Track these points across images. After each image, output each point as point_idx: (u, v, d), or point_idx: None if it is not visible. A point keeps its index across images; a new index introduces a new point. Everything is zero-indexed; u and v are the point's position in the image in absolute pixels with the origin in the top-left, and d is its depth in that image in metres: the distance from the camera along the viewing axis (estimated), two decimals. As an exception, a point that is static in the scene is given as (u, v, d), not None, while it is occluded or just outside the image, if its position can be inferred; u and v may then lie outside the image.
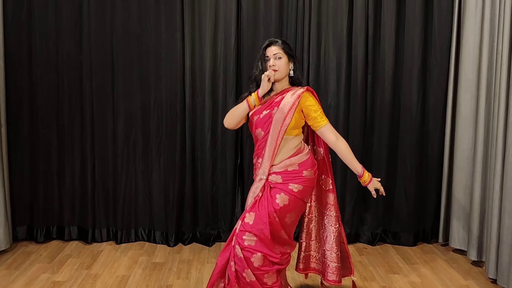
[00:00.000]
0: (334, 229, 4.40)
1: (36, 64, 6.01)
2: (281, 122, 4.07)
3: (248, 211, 4.09)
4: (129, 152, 6.18)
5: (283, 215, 4.08)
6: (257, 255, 3.94)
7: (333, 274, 4.41)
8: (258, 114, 4.18)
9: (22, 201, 6.18)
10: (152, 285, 5.06)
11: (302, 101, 4.12)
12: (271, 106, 4.15)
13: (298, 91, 4.15)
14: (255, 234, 3.97)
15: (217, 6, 5.98)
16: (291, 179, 4.10)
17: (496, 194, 5.04)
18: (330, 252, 4.42)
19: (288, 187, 4.08)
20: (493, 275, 5.10)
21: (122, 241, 6.23)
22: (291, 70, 4.25)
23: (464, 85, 5.77)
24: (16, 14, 5.90)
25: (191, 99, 6.08)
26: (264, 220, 3.98)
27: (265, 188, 4.13)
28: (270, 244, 4.00)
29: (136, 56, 6.03)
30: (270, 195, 4.09)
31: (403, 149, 6.23)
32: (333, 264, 4.40)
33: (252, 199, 4.14)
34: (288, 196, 4.07)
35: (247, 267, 3.95)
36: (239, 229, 4.04)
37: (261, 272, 3.97)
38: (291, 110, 4.08)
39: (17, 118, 6.04)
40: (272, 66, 4.13)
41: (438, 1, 6.05)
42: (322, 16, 6.04)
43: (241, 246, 3.98)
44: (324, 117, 4.16)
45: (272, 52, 4.17)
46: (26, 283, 5.06)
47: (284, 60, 4.17)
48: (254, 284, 3.96)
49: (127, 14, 5.96)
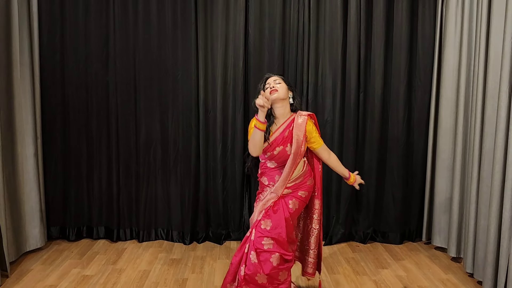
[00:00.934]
0: (315, 230, 4.47)
1: (68, 84, 6.02)
2: (297, 156, 4.15)
3: (263, 219, 4.11)
4: (150, 161, 6.18)
5: (294, 217, 4.25)
6: (275, 255, 4.00)
7: (310, 268, 4.55)
8: (272, 150, 4.18)
9: (56, 204, 6.18)
10: (170, 279, 5.10)
11: (308, 129, 4.19)
12: (284, 142, 4.16)
13: (302, 124, 4.17)
14: (273, 238, 4.02)
15: (227, 33, 6.00)
16: (299, 188, 4.24)
17: (473, 198, 5.07)
18: (309, 249, 4.52)
19: (298, 194, 4.23)
20: (470, 270, 5.14)
21: (143, 239, 6.25)
22: (290, 98, 4.25)
23: (445, 103, 5.79)
24: (50, 39, 5.93)
25: (204, 115, 6.09)
26: (281, 224, 4.06)
27: (277, 199, 4.19)
28: (286, 245, 4.07)
29: (156, 77, 6.04)
30: (285, 201, 4.18)
31: (391, 159, 6.22)
32: (310, 260, 4.53)
33: (262, 209, 4.17)
34: (298, 201, 4.24)
35: (260, 271, 3.98)
36: (257, 236, 4.05)
37: (277, 270, 4.02)
38: (303, 144, 4.16)
39: (52, 131, 6.04)
40: (272, 88, 4.13)
41: (421, 29, 6.08)
42: (320, 42, 6.07)
43: (260, 250, 4.01)
44: (320, 139, 4.30)
45: (272, 79, 4.22)
46: (59, 276, 5.11)
47: (284, 85, 4.19)
48: (264, 286, 4.01)
49: (147, 40, 5.99)
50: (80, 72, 6.04)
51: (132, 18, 5.99)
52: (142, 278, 5.12)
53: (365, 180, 5.99)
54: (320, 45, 6.09)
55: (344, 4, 6.00)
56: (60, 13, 5.95)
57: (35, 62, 5.71)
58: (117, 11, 5.95)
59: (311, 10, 6.01)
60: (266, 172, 4.33)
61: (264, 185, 4.34)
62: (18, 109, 5.41)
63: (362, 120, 6.22)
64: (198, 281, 5.07)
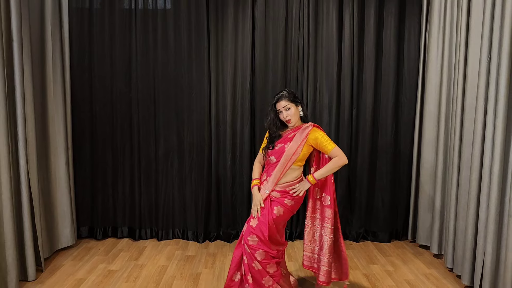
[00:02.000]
0: (329, 238, 4.23)
1: (95, 101, 6.06)
2: (291, 155, 4.09)
3: (253, 217, 4.14)
4: (168, 169, 6.19)
5: (278, 222, 4.13)
6: (259, 251, 4.00)
7: (323, 276, 4.27)
8: (275, 146, 4.20)
9: (85, 207, 6.22)
10: (185, 273, 5.13)
11: (311, 137, 4.11)
12: (285, 141, 4.16)
13: (306, 130, 4.14)
14: (257, 236, 4.01)
15: (236, 56, 6.03)
16: (287, 196, 4.14)
17: (453, 202, 5.10)
18: (323, 257, 4.27)
19: (284, 202, 4.13)
20: (450, 265, 5.18)
21: (162, 238, 6.27)
22: (300, 112, 4.19)
23: (428, 117, 5.81)
24: (80, 61, 5.97)
25: (215, 128, 6.12)
26: (264, 225, 4.03)
27: (268, 200, 4.15)
28: (268, 244, 4.04)
29: (173, 94, 6.07)
30: (270, 207, 4.11)
31: (380, 167, 6.24)
32: (324, 268, 4.26)
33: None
34: (283, 208, 4.13)
35: (254, 259, 4.01)
36: (246, 231, 4.11)
37: (264, 263, 4.02)
38: (300, 145, 4.10)
39: (81, 143, 6.08)
40: (286, 117, 4.11)
41: (407, 52, 6.12)
42: (318, 64, 6.10)
43: (247, 244, 4.04)
44: (331, 142, 4.11)
45: (282, 106, 4.13)
46: (87, 271, 5.16)
47: (293, 109, 4.12)
48: (261, 272, 4.02)
49: (166, 63, 6.02)
50: (106, 90, 6.07)
51: (152, 43, 6.02)
52: (161, 273, 5.14)
53: (357, 186, 6.00)
54: (318, 66, 6.12)
55: (339, 31, 6.05)
56: (89, 38, 6.00)
57: (66, 81, 5.74)
58: (139, 37, 6.00)
59: (310, 36, 6.04)
60: (266, 167, 4.32)
61: (263, 178, 4.30)
62: (52, 123, 5.45)
63: (355, 132, 6.22)
64: (210, 275, 5.09)
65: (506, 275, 4.21)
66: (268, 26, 6.03)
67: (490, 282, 4.36)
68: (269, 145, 4.26)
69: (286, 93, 4.17)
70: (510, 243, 4.17)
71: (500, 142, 4.21)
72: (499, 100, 4.19)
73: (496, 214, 4.28)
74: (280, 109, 4.16)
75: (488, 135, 4.35)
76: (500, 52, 4.19)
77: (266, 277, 4.05)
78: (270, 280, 4.07)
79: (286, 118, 4.15)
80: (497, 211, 4.28)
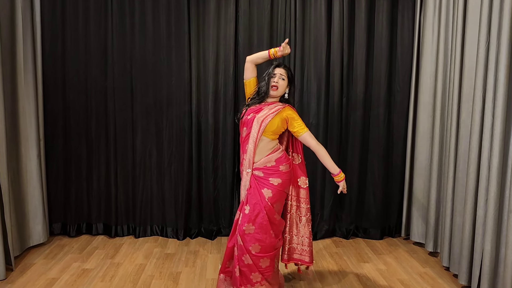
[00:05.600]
0: (305, 218, 4.41)
1: (69, 89, 5.97)
2: (261, 120, 4.10)
3: (246, 203, 4.11)
4: (146, 161, 6.13)
5: (273, 206, 4.10)
6: (255, 245, 3.97)
7: (307, 256, 4.45)
8: (247, 115, 4.22)
9: (58, 202, 6.14)
10: (164, 272, 5.07)
11: (285, 111, 4.17)
12: (257, 111, 4.19)
13: (280, 105, 4.21)
14: (254, 221, 4.00)
15: (219, 42, 5.94)
16: (271, 173, 4.12)
17: (449, 196, 5.06)
18: (303, 238, 4.44)
19: (269, 182, 4.10)
20: (447, 264, 5.14)
21: (139, 235, 6.20)
22: (286, 93, 4.30)
23: (423, 107, 5.79)
24: (52, 48, 5.88)
25: (197, 118, 6.05)
26: (259, 206, 4.02)
27: (254, 179, 4.16)
28: (268, 228, 4.02)
29: (151, 82, 6.00)
30: (258, 187, 4.11)
31: (372, 160, 6.21)
32: (306, 248, 4.44)
33: (245, 191, 4.18)
34: (271, 189, 4.09)
35: (245, 252, 3.98)
36: (241, 220, 4.08)
37: (257, 257, 3.98)
38: (271, 114, 4.11)
39: (53, 134, 6.00)
40: (275, 83, 4.20)
41: (401, 37, 6.07)
42: (305, 49, 6.02)
43: (242, 234, 4.01)
44: (304, 126, 4.20)
45: (279, 72, 4.24)
46: (60, 270, 5.07)
47: (285, 83, 4.24)
48: (251, 267, 3.99)
49: (143, 48, 5.95)
50: (80, 78, 5.98)
51: (129, 28, 5.93)
52: (139, 272, 5.08)
53: (347, 180, 6.00)
54: (306, 53, 6.04)
55: (328, 15, 5.97)
56: (62, 23, 5.91)
57: (38, 69, 5.67)
58: (115, 21, 5.89)
59: (297, 20, 5.96)
60: (241, 146, 4.34)
61: (242, 159, 4.32)
62: (22, 113, 5.40)
63: (345, 123, 6.18)
64: (191, 274, 5.04)
65: (506, 274, 4.17)
66: (253, 9, 5.95)
67: (489, 282, 4.33)
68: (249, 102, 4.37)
69: (288, 68, 4.37)
70: (510, 240, 4.12)
71: (500, 133, 4.17)
72: (498, 89, 4.16)
73: (495, 209, 4.25)
74: (276, 73, 4.26)
75: (487, 126, 4.33)
76: (500, 38, 4.15)
77: (255, 273, 4.04)
78: (259, 276, 4.05)
79: (275, 83, 4.22)
80: (496, 206, 4.25)
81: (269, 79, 4.25)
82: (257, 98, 4.29)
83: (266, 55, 4.33)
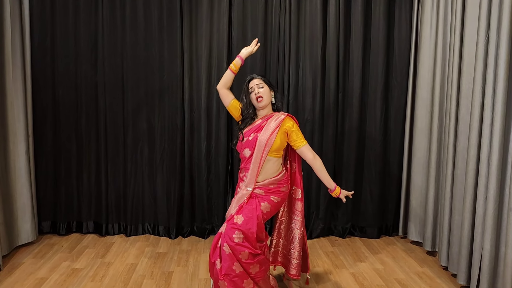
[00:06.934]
0: (299, 231, 4.42)
1: (58, 84, 5.94)
2: (265, 142, 4.07)
3: (236, 214, 4.06)
4: (137, 158, 6.11)
5: (265, 218, 4.13)
6: (244, 252, 3.92)
7: (294, 269, 4.46)
8: (247, 136, 4.18)
9: (47, 200, 6.11)
10: (156, 272, 5.04)
11: (285, 123, 4.13)
12: (257, 130, 4.16)
13: (280, 117, 4.16)
14: (243, 232, 3.94)
15: (212, 35, 5.91)
16: (272, 193, 4.16)
17: (447, 194, 5.04)
18: (293, 251, 4.45)
19: (270, 198, 4.14)
20: (445, 263, 5.12)
21: (131, 234, 6.17)
22: (273, 98, 4.27)
23: (420, 102, 5.76)
24: (41, 42, 5.85)
25: (189, 114, 6.01)
26: (253, 220, 3.99)
27: (251, 197, 4.14)
28: (254, 241, 3.97)
29: (143, 77, 5.96)
30: (258, 202, 4.11)
31: (368, 157, 6.18)
32: (295, 261, 4.45)
33: (237, 205, 4.12)
34: (270, 205, 4.14)
35: (236, 260, 3.93)
36: (228, 228, 4.01)
37: (247, 264, 3.94)
38: (273, 133, 4.08)
39: (42, 130, 5.96)
40: (257, 94, 4.16)
41: (398, 31, 6.03)
42: (300, 44, 5.98)
43: (231, 243, 3.93)
44: (303, 138, 4.18)
45: (255, 83, 4.21)
46: (49, 269, 5.04)
47: (266, 89, 4.20)
48: (242, 274, 3.95)
49: (135, 42, 5.91)
50: (70, 73, 5.95)
51: (120, 22, 5.91)
52: (130, 271, 5.06)
53: (343, 177, 5.97)
54: (301, 47, 6.00)
55: (323, 8, 5.94)
56: (51, 16, 5.89)
57: (26, 63, 5.65)
58: (106, 14, 5.87)
59: (292, 13, 5.93)
60: (242, 164, 4.29)
61: (240, 178, 4.30)
62: (10, 109, 5.37)
63: (341, 119, 6.15)
64: (184, 273, 5.02)
65: (506, 274, 4.15)
66: (247, 2, 5.92)
67: (488, 282, 4.31)
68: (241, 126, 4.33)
69: (261, 76, 4.34)
70: (510, 239, 4.11)
71: (499, 129, 4.15)
72: (498, 84, 4.14)
73: (495, 207, 4.24)
74: (253, 87, 4.23)
75: (486, 122, 4.30)
76: (499, 32, 4.13)
77: (247, 280, 4.02)
78: (250, 283, 4.03)
79: (258, 95, 4.18)
80: (495, 204, 4.24)
81: (248, 96, 4.27)
82: (248, 119, 4.29)
83: (230, 72, 4.34)
